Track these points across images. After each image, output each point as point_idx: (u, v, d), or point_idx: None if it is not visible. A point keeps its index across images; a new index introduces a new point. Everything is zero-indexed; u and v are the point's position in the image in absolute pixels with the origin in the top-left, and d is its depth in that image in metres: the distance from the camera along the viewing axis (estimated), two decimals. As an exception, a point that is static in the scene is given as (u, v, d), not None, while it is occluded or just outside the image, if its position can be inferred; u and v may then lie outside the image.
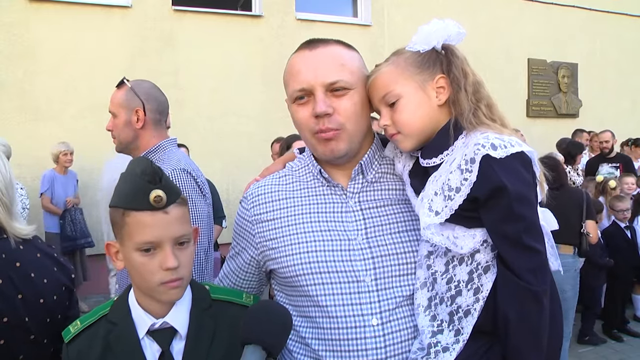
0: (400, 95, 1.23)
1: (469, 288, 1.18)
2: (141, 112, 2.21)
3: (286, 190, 1.42)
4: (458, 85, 1.22)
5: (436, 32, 1.23)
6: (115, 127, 2.26)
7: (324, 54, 1.30)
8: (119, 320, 1.26)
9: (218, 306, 1.31)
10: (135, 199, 1.18)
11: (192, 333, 1.25)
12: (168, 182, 1.21)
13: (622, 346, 5.24)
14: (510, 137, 1.16)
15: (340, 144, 1.30)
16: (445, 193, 1.15)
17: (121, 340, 1.23)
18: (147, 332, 1.23)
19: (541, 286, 1.12)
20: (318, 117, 1.27)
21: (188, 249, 1.24)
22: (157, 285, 1.19)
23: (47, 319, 1.50)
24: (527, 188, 1.13)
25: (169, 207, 1.19)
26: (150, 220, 1.17)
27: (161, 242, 1.18)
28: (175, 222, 1.20)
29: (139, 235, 1.18)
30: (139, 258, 1.19)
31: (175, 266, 1.18)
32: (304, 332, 1.32)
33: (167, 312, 1.25)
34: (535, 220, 1.14)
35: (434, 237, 1.18)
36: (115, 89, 2.28)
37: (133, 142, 2.25)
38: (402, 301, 1.27)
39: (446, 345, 1.18)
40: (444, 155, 1.21)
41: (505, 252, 1.12)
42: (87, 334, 1.27)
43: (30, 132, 6.16)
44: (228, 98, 7.13)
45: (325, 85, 1.27)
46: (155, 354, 1.22)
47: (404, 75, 1.23)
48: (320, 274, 1.29)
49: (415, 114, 1.23)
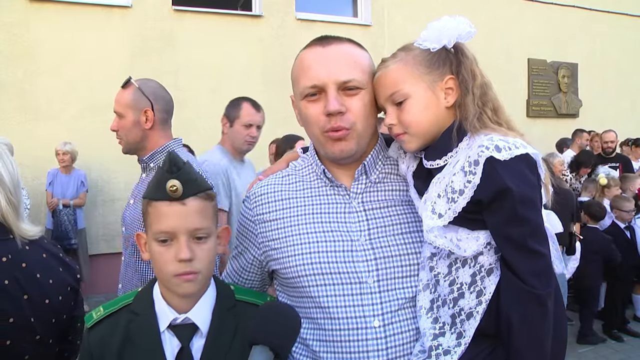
0: (409, 95, 1.21)
1: (471, 291, 1.17)
2: (150, 113, 2.19)
3: (289, 190, 1.41)
4: (466, 88, 1.20)
5: (448, 31, 1.20)
6: (122, 127, 2.21)
7: (337, 51, 1.29)
8: (142, 311, 1.26)
9: (241, 307, 1.32)
10: (156, 189, 1.21)
11: (213, 331, 1.25)
12: (188, 174, 1.21)
13: (622, 346, 5.24)
14: (515, 139, 1.14)
15: (350, 144, 1.29)
16: (448, 195, 1.14)
17: (142, 331, 1.24)
18: (169, 326, 1.23)
19: (546, 290, 1.10)
20: (330, 115, 1.26)
21: (206, 244, 1.24)
22: (171, 276, 1.20)
23: (53, 319, 1.50)
24: (531, 190, 1.11)
25: (188, 198, 1.19)
26: (167, 210, 1.19)
27: (176, 232, 1.19)
28: (193, 215, 1.20)
29: (157, 224, 1.20)
30: (157, 247, 1.21)
31: (187, 258, 1.18)
32: (305, 333, 1.32)
33: (190, 308, 1.25)
34: (540, 223, 1.13)
35: (437, 240, 1.17)
36: (121, 89, 2.23)
37: (141, 143, 2.22)
38: (404, 303, 1.27)
39: (448, 348, 1.18)
40: (447, 157, 1.20)
41: (509, 255, 1.11)
42: (109, 321, 1.28)
43: (30, 132, 6.16)
44: (228, 98, 7.03)
45: (338, 83, 1.25)
46: (175, 349, 1.23)
47: (413, 75, 1.21)
48: (322, 275, 1.28)
49: (423, 114, 1.21)
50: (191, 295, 1.24)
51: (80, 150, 6.08)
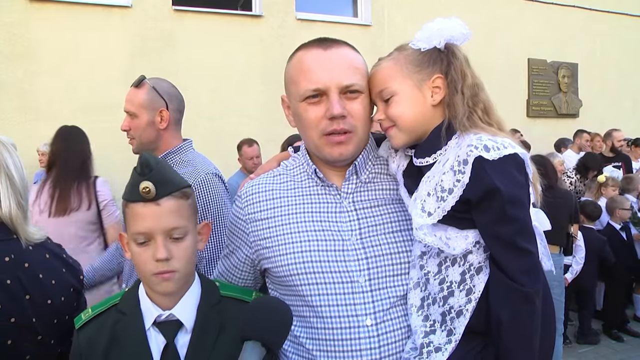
0: (396, 93, 1.24)
1: (461, 289, 1.18)
2: (165, 113, 2.15)
3: (280, 190, 1.42)
4: (455, 87, 1.22)
5: (439, 31, 1.23)
6: (136, 128, 2.16)
7: (339, 54, 1.30)
8: (128, 311, 1.28)
9: (226, 303, 1.33)
10: (130, 190, 1.22)
11: (198, 327, 1.26)
12: (160, 173, 1.22)
13: (622, 346, 5.24)
14: (503, 138, 1.15)
15: (350, 147, 1.30)
16: (438, 194, 1.16)
17: (128, 330, 1.25)
18: (154, 323, 1.25)
19: (534, 287, 1.12)
20: (332, 119, 1.27)
21: (184, 243, 1.24)
22: (150, 275, 1.22)
23: (55, 319, 1.50)
24: (519, 190, 1.13)
25: (162, 199, 1.21)
26: (142, 212, 1.21)
27: (152, 233, 1.21)
28: (168, 215, 1.21)
29: (134, 226, 1.22)
30: (135, 248, 1.23)
31: (164, 257, 1.19)
32: (298, 332, 1.33)
33: (175, 305, 1.26)
34: (528, 222, 1.15)
35: (426, 238, 1.18)
36: (134, 88, 2.17)
37: (155, 143, 2.18)
38: (396, 301, 1.28)
39: (438, 346, 1.19)
40: (437, 154, 1.21)
41: (498, 253, 1.13)
42: (97, 321, 1.30)
43: (30, 132, 6.16)
44: (228, 98, 7.13)
45: (341, 87, 1.27)
46: (160, 346, 1.24)
47: (402, 73, 1.24)
48: (313, 274, 1.29)
49: (408, 110, 1.24)
50: (171, 294, 1.26)
51: (80, 149, 6.08)
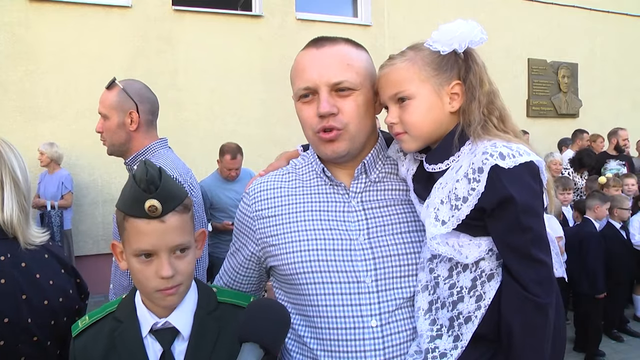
0: (414, 96, 1.19)
1: (471, 295, 1.16)
2: (135, 114, 2.15)
3: (289, 187, 1.41)
4: (472, 94, 1.18)
5: (461, 35, 1.18)
6: (107, 129, 2.17)
7: (330, 53, 1.29)
8: (125, 318, 1.26)
9: (224, 309, 1.31)
10: (132, 205, 1.17)
11: (195, 334, 1.25)
12: (166, 190, 1.18)
13: (622, 346, 5.24)
14: (518, 145, 1.13)
15: (342, 145, 1.29)
16: (452, 202, 1.13)
17: (125, 338, 1.24)
18: (150, 331, 1.23)
19: (547, 298, 1.09)
20: (322, 117, 1.26)
21: (187, 257, 1.22)
22: (153, 291, 1.19)
23: (52, 321, 1.49)
24: (534, 199, 1.10)
25: (166, 215, 1.17)
26: (146, 229, 1.16)
27: (157, 250, 1.17)
28: (173, 231, 1.18)
29: (136, 242, 1.18)
30: (136, 264, 1.19)
31: (170, 275, 1.17)
32: (302, 331, 1.32)
33: (170, 313, 1.25)
34: (542, 232, 1.11)
35: (440, 248, 1.16)
36: (106, 90, 2.18)
37: (125, 145, 2.18)
38: (402, 303, 1.27)
39: (444, 351, 1.17)
40: (449, 161, 1.18)
41: (511, 263, 1.10)
42: (94, 329, 1.28)
43: (30, 132, 6.15)
44: (228, 98, 7.12)
45: (330, 85, 1.26)
46: (157, 354, 1.22)
47: (421, 76, 1.19)
48: (320, 273, 1.28)
49: (425, 117, 1.20)
50: (175, 306, 1.24)
51: (80, 150, 6.08)
